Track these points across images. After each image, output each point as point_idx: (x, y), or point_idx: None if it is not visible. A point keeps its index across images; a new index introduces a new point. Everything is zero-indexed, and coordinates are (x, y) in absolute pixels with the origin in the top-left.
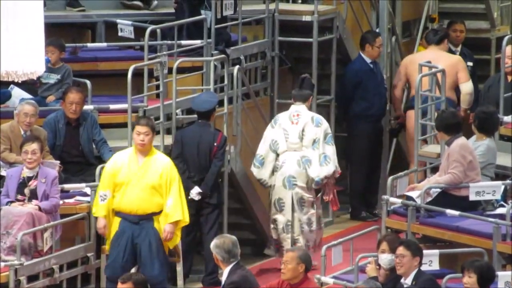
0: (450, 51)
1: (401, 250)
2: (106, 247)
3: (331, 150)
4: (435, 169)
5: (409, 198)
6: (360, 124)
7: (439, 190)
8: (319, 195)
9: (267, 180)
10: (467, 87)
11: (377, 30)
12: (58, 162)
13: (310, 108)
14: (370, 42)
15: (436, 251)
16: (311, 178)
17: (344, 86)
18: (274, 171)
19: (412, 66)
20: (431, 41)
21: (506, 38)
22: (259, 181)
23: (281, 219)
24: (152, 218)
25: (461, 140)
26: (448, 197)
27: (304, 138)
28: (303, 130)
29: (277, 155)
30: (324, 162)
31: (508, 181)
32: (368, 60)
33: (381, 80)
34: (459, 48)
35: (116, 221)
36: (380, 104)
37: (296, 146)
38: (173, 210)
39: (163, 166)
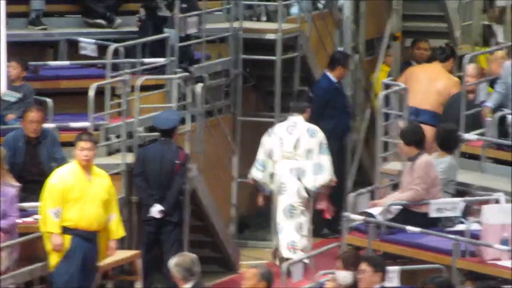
0: (411, 66)
1: (363, 266)
2: (51, 262)
3: (326, 159)
4: (396, 186)
5: (370, 215)
6: (328, 142)
7: (400, 207)
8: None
9: (269, 185)
10: None
11: (341, 49)
12: (19, 185)
13: (308, 120)
14: (344, 64)
15: (397, 268)
16: (304, 187)
17: (314, 105)
18: (271, 178)
19: (411, 79)
20: (437, 57)
21: (467, 57)
22: (262, 186)
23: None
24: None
25: (425, 157)
26: (408, 214)
27: (298, 148)
28: (298, 140)
29: (274, 162)
30: (319, 171)
31: (468, 198)
32: (334, 80)
33: (347, 98)
34: None
35: (66, 239)
36: (347, 122)
37: (290, 155)
38: (118, 226)
39: (107, 181)
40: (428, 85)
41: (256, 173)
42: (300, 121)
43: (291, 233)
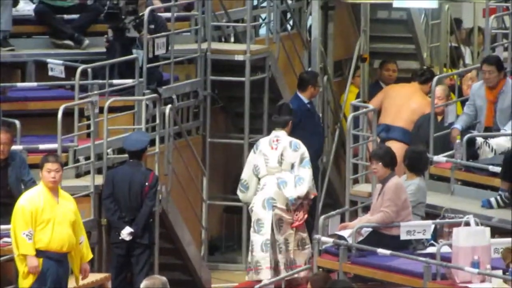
0: (381, 88)
1: None
2: (24, 286)
3: (306, 172)
4: (366, 209)
5: (341, 237)
6: None
7: (370, 229)
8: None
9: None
10: None
11: (310, 69)
12: None
13: (289, 134)
14: (314, 84)
15: None
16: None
17: None
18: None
19: (388, 96)
20: (416, 79)
21: (435, 79)
22: (246, 204)
23: (258, 239)
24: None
25: (396, 179)
26: (379, 237)
27: (283, 163)
28: (282, 155)
29: (259, 179)
30: (298, 183)
31: (438, 221)
32: (306, 100)
33: (318, 119)
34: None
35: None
36: (317, 144)
37: (275, 171)
38: (87, 248)
39: (73, 202)
40: (403, 102)
41: (238, 193)
42: (282, 135)
43: (278, 248)
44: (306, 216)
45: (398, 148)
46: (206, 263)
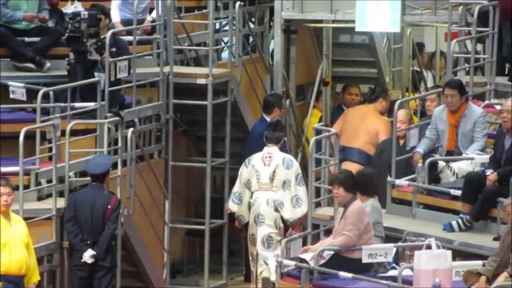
0: (342, 110)
1: None
2: None
3: (302, 191)
4: (328, 232)
5: (303, 260)
6: None
7: (332, 252)
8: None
9: (245, 216)
10: None
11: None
12: None
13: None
14: (279, 105)
15: None
16: (281, 218)
17: (250, 148)
18: (249, 207)
19: (345, 120)
20: (367, 99)
21: (397, 102)
22: (237, 218)
23: (254, 251)
24: None
25: (358, 203)
26: (341, 260)
27: (274, 180)
28: (274, 172)
29: (252, 192)
30: (297, 204)
31: (400, 244)
32: None
33: (284, 142)
34: None
35: None
36: None
37: (266, 187)
38: (36, 269)
39: (24, 224)
40: (357, 124)
41: (232, 206)
42: (275, 151)
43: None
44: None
45: (353, 169)
46: (168, 286)
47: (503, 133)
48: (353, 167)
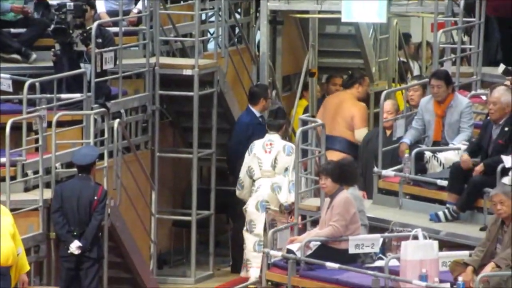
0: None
1: None
2: None
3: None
4: (315, 223)
5: (290, 251)
6: None
7: (319, 243)
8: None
9: (248, 204)
10: (358, 133)
11: (259, 83)
12: None
13: (284, 138)
14: (265, 96)
15: None
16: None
17: (236, 139)
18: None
19: (324, 108)
20: (344, 84)
21: (384, 93)
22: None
23: (251, 239)
24: None
25: (344, 194)
26: (328, 250)
27: (276, 166)
28: (275, 159)
29: (254, 180)
30: (292, 189)
31: (386, 234)
32: (258, 114)
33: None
34: None
35: None
36: None
37: (269, 174)
38: (25, 259)
39: (9, 215)
40: (335, 112)
41: (237, 191)
42: (276, 138)
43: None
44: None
45: (336, 157)
46: (155, 277)
47: (490, 123)
48: (337, 155)
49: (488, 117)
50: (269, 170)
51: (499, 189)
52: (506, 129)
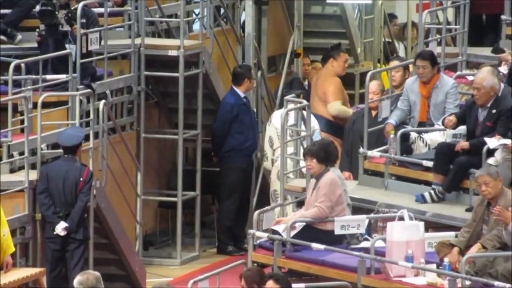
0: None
1: (270, 284)
2: None
3: None
4: (300, 204)
5: (275, 232)
6: (234, 158)
7: (303, 223)
8: None
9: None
10: (329, 108)
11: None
12: None
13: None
14: (249, 76)
15: (302, 285)
16: None
17: (221, 120)
18: (272, 163)
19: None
20: (321, 60)
21: (369, 74)
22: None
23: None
24: None
25: (330, 175)
26: (313, 231)
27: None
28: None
29: (274, 150)
30: None
31: (372, 215)
32: (242, 94)
33: (254, 114)
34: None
35: None
36: (254, 138)
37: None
38: (10, 241)
39: None
40: (313, 90)
41: (263, 162)
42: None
43: None
44: None
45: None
46: (140, 258)
47: (474, 104)
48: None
49: (473, 97)
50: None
51: (484, 170)
52: (494, 111)
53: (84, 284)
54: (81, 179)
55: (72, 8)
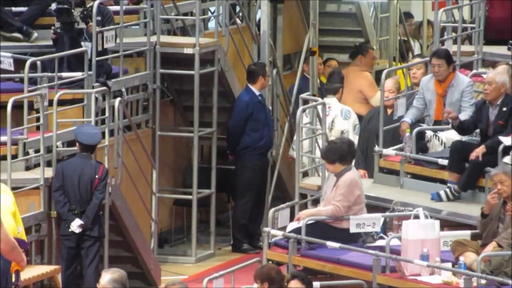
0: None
1: (295, 283)
2: None
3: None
4: (316, 202)
5: (294, 230)
6: (249, 156)
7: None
8: None
9: (305, 163)
10: (373, 102)
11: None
12: None
13: (340, 100)
14: (263, 74)
15: (317, 284)
16: None
17: (236, 118)
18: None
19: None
20: (350, 56)
21: (385, 72)
22: None
23: None
24: None
25: (350, 174)
26: (329, 229)
27: (333, 129)
28: (332, 122)
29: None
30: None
31: (388, 214)
32: (257, 92)
33: (269, 111)
34: None
35: None
36: (269, 136)
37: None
38: (24, 238)
39: (10, 194)
40: (345, 86)
41: (291, 151)
42: (334, 102)
43: None
44: None
45: None
46: (155, 255)
47: (485, 104)
48: None
49: (483, 98)
50: (325, 132)
51: (500, 168)
52: (504, 109)
53: (119, 282)
54: (96, 176)
55: (88, 6)
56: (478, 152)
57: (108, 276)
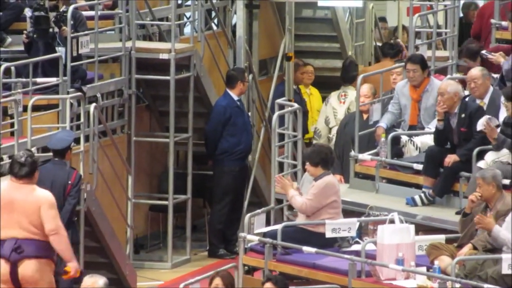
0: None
1: (268, 285)
2: None
3: None
4: (291, 207)
5: (269, 234)
6: (227, 161)
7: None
8: None
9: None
10: None
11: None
12: None
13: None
14: (242, 79)
15: None
16: None
17: (213, 122)
18: (328, 141)
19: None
20: (387, 54)
21: (360, 77)
22: None
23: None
24: None
25: (328, 178)
26: (304, 234)
27: None
28: (348, 109)
29: (330, 129)
30: None
31: (363, 218)
32: (236, 97)
33: (247, 117)
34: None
35: None
36: (247, 141)
37: None
38: None
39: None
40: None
41: (314, 141)
42: (350, 90)
43: None
44: None
45: None
46: (131, 261)
47: (446, 115)
48: None
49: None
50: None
51: (480, 173)
52: (463, 115)
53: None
54: (69, 182)
55: (61, 10)
56: (452, 159)
57: (102, 279)
